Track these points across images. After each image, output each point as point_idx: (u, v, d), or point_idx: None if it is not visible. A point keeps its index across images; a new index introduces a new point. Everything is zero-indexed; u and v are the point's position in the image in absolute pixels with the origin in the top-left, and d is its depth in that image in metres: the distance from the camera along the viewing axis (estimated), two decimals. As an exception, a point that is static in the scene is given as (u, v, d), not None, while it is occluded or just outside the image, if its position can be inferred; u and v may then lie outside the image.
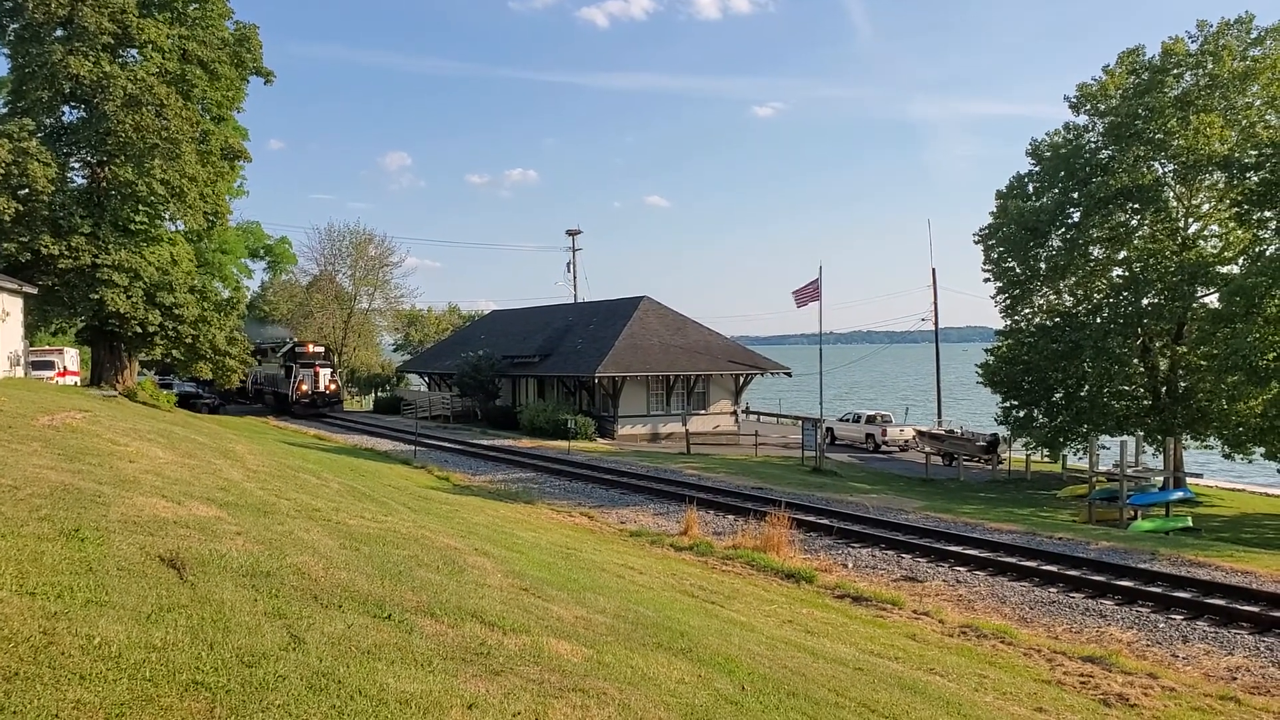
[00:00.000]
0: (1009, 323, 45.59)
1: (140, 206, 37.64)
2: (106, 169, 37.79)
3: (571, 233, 75.10)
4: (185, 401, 48.40)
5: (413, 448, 37.77)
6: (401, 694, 4.75)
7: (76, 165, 39.35)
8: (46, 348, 43.28)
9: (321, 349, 62.23)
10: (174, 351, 41.34)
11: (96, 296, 36.60)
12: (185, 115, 37.63)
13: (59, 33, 37.34)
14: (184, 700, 4.12)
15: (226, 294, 50.50)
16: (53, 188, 35.59)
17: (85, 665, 4.24)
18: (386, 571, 7.85)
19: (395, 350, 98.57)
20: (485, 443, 41.88)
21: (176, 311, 39.00)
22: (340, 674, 4.85)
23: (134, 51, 39.07)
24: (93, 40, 36.19)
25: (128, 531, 7.09)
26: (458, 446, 39.93)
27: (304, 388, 58.12)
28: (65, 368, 38.59)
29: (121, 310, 37.01)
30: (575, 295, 72.26)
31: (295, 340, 65.00)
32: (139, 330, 38.47)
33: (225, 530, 8.01)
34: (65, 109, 38.81)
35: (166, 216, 40.26)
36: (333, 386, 61.00)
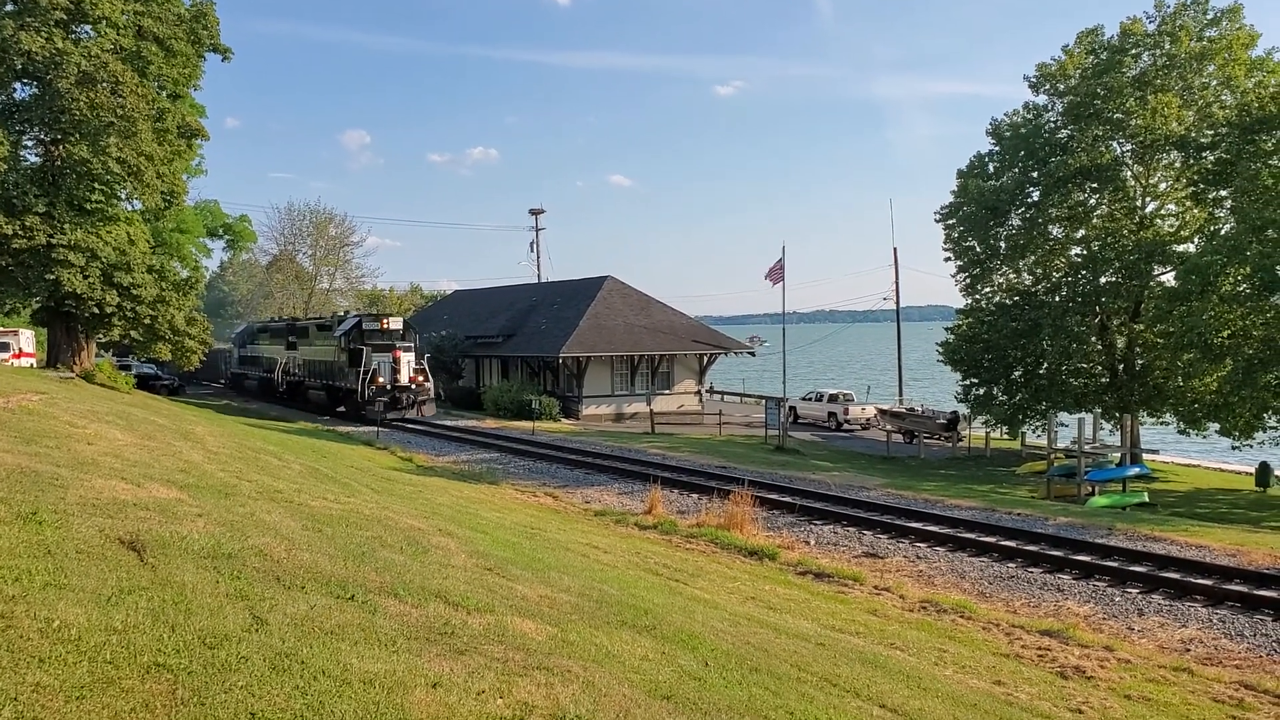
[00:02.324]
0: (969, 301, 46.02)
1: (96, 185, 37.05)
2: (61, 147, 37.16)
3: (535, 212, 74.88)
4: (144, 383, 47.85)
5: (375, 429, 37.61)
6: (365, 674, 4.76)
7: (30, 143, 38.66)
8: (1, 329, 42.63)
9: (399, 323, 44.54)
10: (132, 332, 40.79)
11: (52, 277, 36.04)
12: (141, 93, 37.03)
13: (9, 7, 36.58)
14: (145, 682, 4.11)
15: (185, 274, 49.88)
16: (4, 166, 34.97)
17: (44, 649, 4.21)
18: (349, 552, 7.84)
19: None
20: (449, 423, 41.78)
21: (134, 292, 38.48)
22: (303, 655, 4.85)
23: (88, 27, 38.38)
24: (45, 15, 35.50)
25: (87, 514, 7.03)
26: (421, 427, 39.81)
27: (381, 380, 41.64)
28: (21, 349, 38.03)
29: (78, 291, 36.47)
30: (539, 275, 72.15)
31: (364, 312, 51.30)
32: (96, 311, 37.94)
33: (186, 512, 7.96)
34: (17, 86, 38.06)
35: (123, 195, 39.66)
36: (421, 379, 43.21)
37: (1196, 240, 39.68)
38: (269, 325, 59.64)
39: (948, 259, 45.97)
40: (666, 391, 51.76)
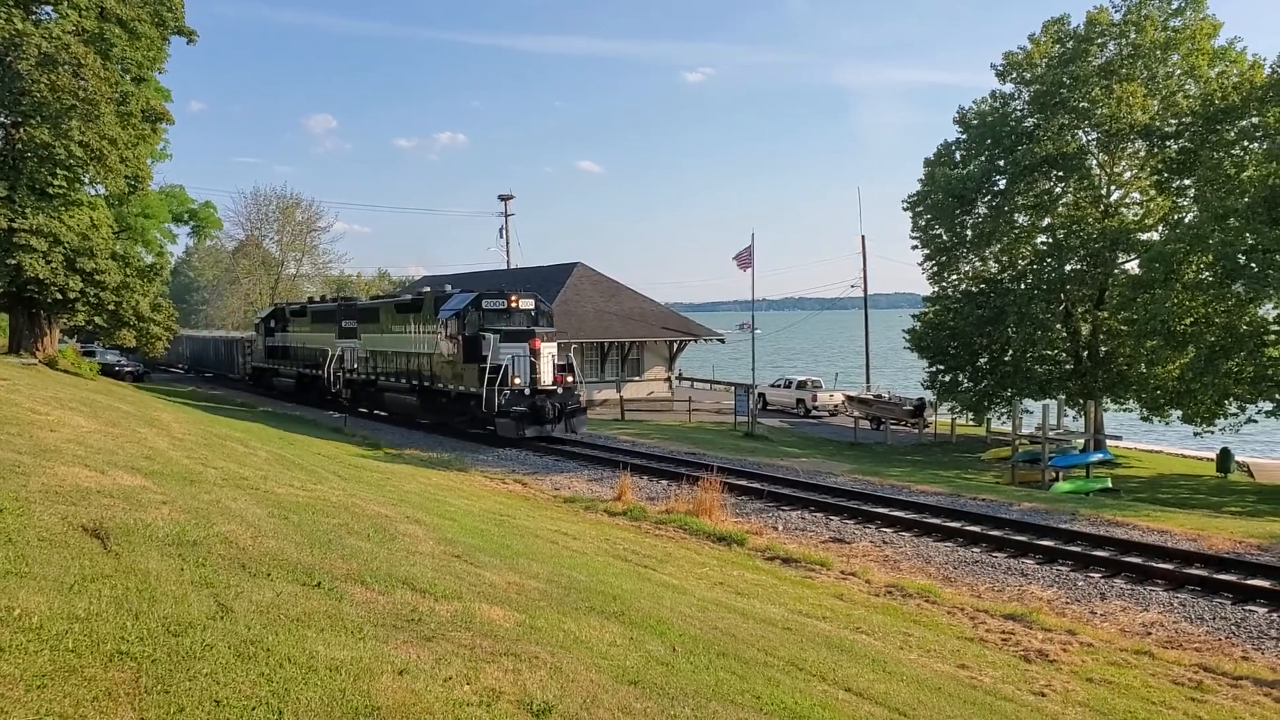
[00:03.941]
0: (936, 289, 46.27)
1: (58, 170, 36.51)
2: (21, 130, 36.59)
3: (504, 198, 74.50)
4: (109, 370, 47.32)
5: (343, 415, 37.39)
6: (331, 661, 4.75)
7: (-11, 126, 38.05)
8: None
9: (531, 302, 32.62)
10: (96, 318, 40.30)
11: (14, 262, 35.53)
12: (104, 75, 36.51)
13: (-34, -13, 35.98)
14: (108, 670, 4.09)
15: (150, 260, 49.30)
16: (-36, 149, 34.45)
17: (5, 637, 4.18)
18: (316, 540, 7.81)
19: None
20: (418, 410, 41.43)
21: (98, 278, 37.99)
22: (269, 642, 4.83)
23: (48, 8, 37.78)
24: (4, -4, 34.94)
25: (49, 501, 6.97)
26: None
27: (518, 381, 29.88)
28: (-19, 335, 37.45)
29: (40, 276, 35.98)
30: (508, 261, 71.83)
31: (484, 289, 34.40)
32: (59, 297, 37.44)
33: (151, 499, 7.90)
34: (-25, 68, 37.45)
35: (86, 180, 39.10)
36: (568, 379, 31.56)
37: (1160, 229, 40.11)
38: (308, 306, 47.99)
39: (915, 247, 46.22)
40: (637, 378, 51.76)
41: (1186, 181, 38.09)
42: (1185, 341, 33.25)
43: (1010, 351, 42.40)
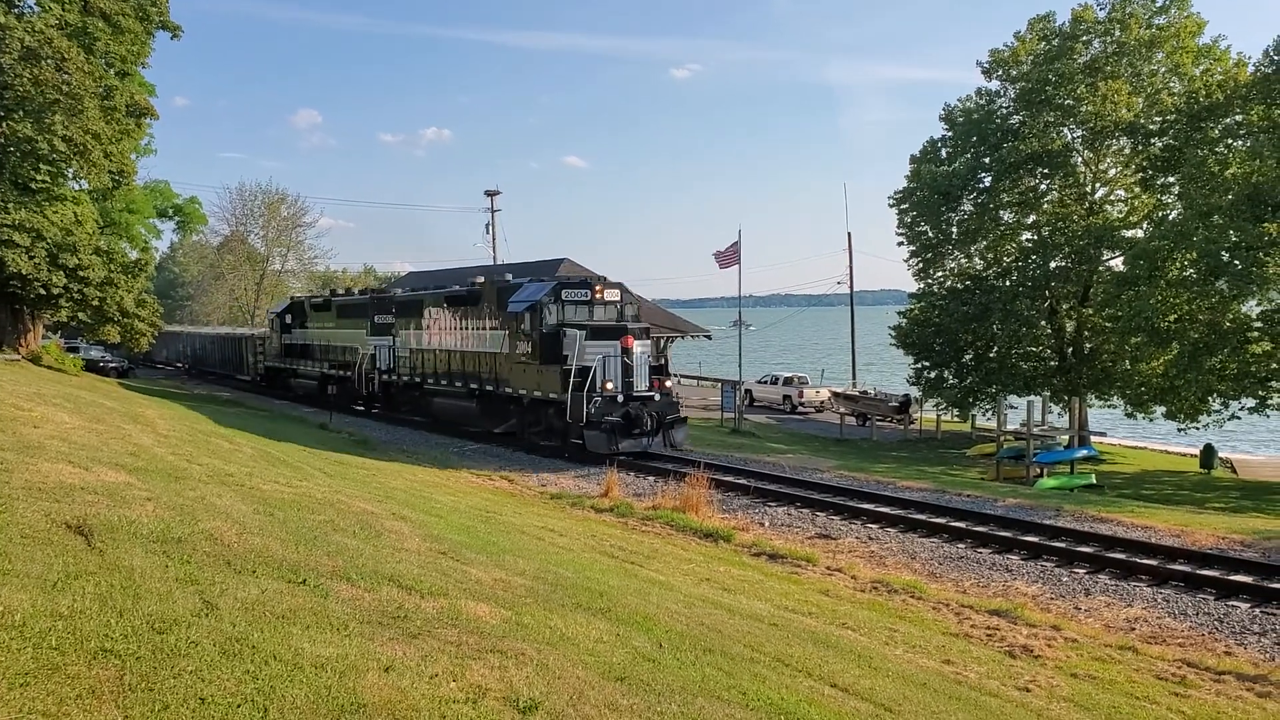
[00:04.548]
0: (921, 286, 46.44)
1: (41, 164, 36.33)
2: (4, 124, 36.37)
3: (490, 193, 74.32)
4: (93, 366, 47.10)
5: (328, 412, 37.26)
6: (317, 658, 4.74)
7: (-29, 121, 37.81)
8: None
9: (617, 293, 28.07)
10: (80, 314, 40.11)
11: (-4, 257, 35.35)
12: (87, 70, 36.32)
13: (-51, -18, 35.76)
14: (92, 668, 4.07)
15: (135, 255, 49.06)
16: (-54, 144, 34.25)
17: (-11, 635, 4.16)
18: (301, 537, 7.79)
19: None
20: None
21: (81, 273, 37.81)
22: (254, 639, 4.82)
23: (31, 1, 37.60)
24: (-14, -11, 34.76)
25: (32, 498, 6.93)
26: (375, 409, 39.40)
27: (610, 386, 25.55)
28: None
29: (23, 271, 35.77)
30: (494, 256, 71.67)
31: (561, 276, 32.63)
32: (42, 292, 37.25)
33: (135, 496, 7.87)
34: (-43, 62, 37.21)
35: (70, 175, 38.93)
36: (665, 383, 27.59)
37: (1145, 226, 40.34)
38: (333, 299, 42.73)
39: (901, 243, 46.38)
40: (623, 374, 51.44)
41: (1171, 179, 38.30)
42: (1169, 338, 33.42)
43: (995, 348, 42.58)
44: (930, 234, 44.67)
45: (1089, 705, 9.04)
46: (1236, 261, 30.89)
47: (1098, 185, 43.03)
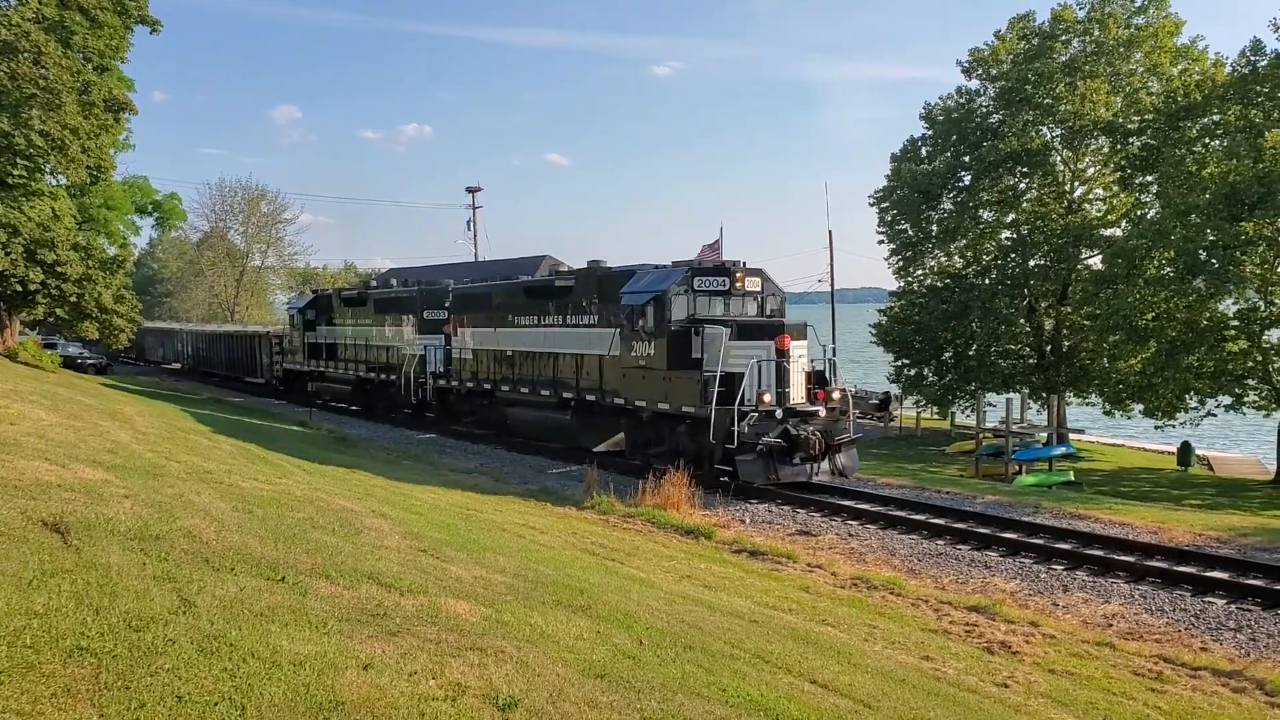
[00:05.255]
0: (901, 284, 46.61)
1: (18, 159, 36.01)
2: (-20, 119, 36.05)
3: (472, 190, 74.15)
4: (71, 363, 46.78)
5: (308, 409, 37.11)
6: (295, 655, 4.72)
7: (-54, 115, 37.46)
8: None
9: (757, 282, 23.16)
10: (58, 310, 39.82)
11: (-29, 253, 35.03)
12: (65, 64, 36.02)
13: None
14: (67, 667, 4.05)
15: (113, 251, 48.72)
16: (-80, 138, 33.92)
17: (-37, 633, 4.13)
18: (280, 534, 7.76)
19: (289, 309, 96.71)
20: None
21: (59, 269, 37.49)
22: (232, 637, 4.80)
23: (7, -5, 37.27)
24: (-39, -18, 34.46)
25: (8, 495, 6.88)
26: (355, 407, 39.27)
27: (766, 398, 20.22)
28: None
29: (0, 268, 35.50)
30: (476, 254, 71.54)
31: (693, 261, 23.86)
32: (19, 289, 36.95)
33: (112, 493, 7.82)
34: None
35: (47, 170, 38.61)
36: (835, 394, 21.68)
37: (1123, 225, 40.59)
38: (369, 293, 38.61)
39: (881, 242, 46.51)
40: (604, 372, 51.16)
41: (1149, 178, 38.55)
42: (1147, 336, 33.63)
43: (974, 346, 42.77)
44: (910, 232, 44.82)
45: (1067, 701, 9.09)
46: (1213, 260, 31.11)
47: (1076, 184, 43.27)
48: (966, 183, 43.00)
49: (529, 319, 27.49)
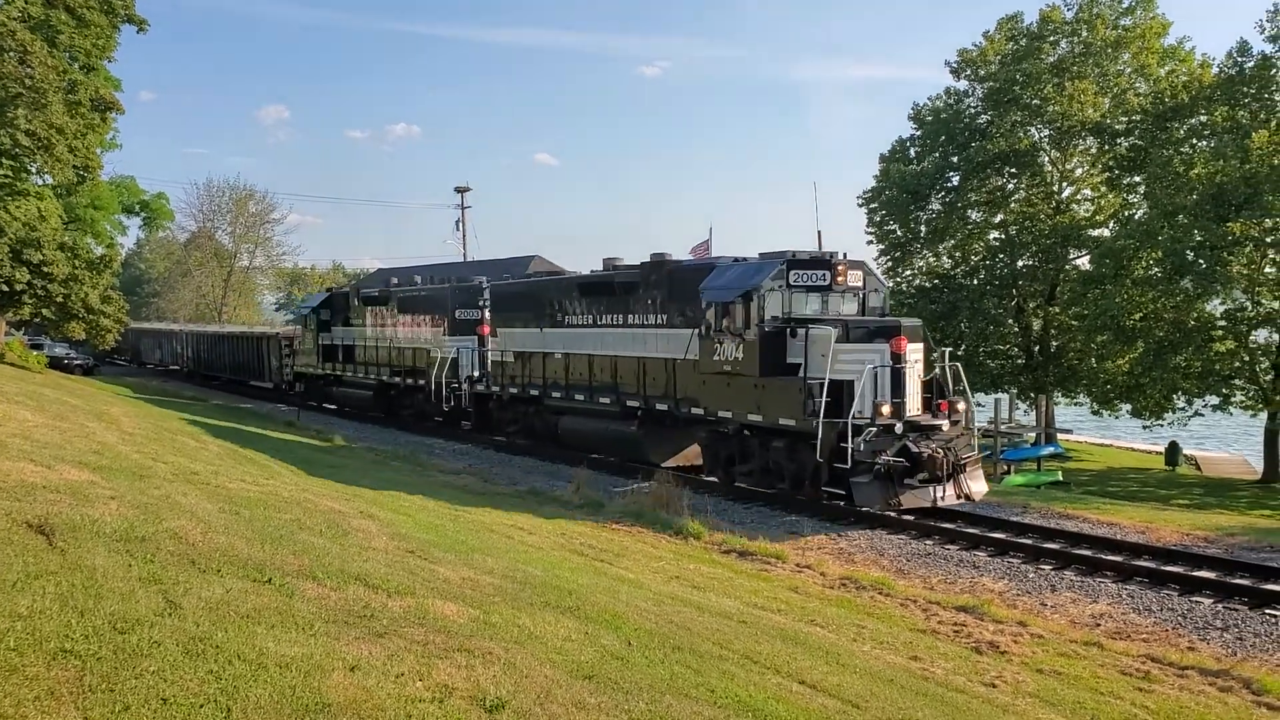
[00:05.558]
0: (890, 285, 46.60)
1: (4, 159, 35.86)
2: (-35, 119, 35.87)
3: (460, 190, 74.03)
4: (58, 363, 46.61)
5: (296, 410, 37.01)
6: (281, 657, 4.70)
7: (-68, 114, 37.27)
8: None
9: (859, 276, 20.30)
10: (44, 311, 39.65)
11: (-43, 253, 34.86)
12: (51, 63, 35.86)
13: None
14: (51, 669, 4.02)
15: (100, 251, 48.54)
16: (-94, 138, 33.75)
17: (-54, 636, 4.10)
18: (267, 535, 7.73)
19: (277, 310, 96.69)
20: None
21: (45, 269, 37.33)
22: (218, 639, 4.78)
23: (-8, -6, 37.10)
24: (-54, -19, 34.26)
25: (-8, 498, 6.84)
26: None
27: (885, 411, 17.78)
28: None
29: (-15, 268, 35.33)
30: (465, 253, 71.42)
31: (788, 253, 19.85)
32: (5, 289, 36.78)
33: (98, 495, 7.78)
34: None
35: (33, 169, 38.47)
36: (960, 405, 19.10)
37: (1111, 225, 40.72)
38: (393, 291, 35.73)
39: (870, 242, 46.55)
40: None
41: (1137, 179, 38.69)
42: (1134, 336, 33.75)
43: (963, 346, 42.79)
44: (899, 233, 44.86)
45: (1055, 701, 9.11)
46: (1201, 261, 31.25)
47: (1064, 184, 43.39)
48: (955, 183, 43.08)
49: (584, 318, 24.90)
